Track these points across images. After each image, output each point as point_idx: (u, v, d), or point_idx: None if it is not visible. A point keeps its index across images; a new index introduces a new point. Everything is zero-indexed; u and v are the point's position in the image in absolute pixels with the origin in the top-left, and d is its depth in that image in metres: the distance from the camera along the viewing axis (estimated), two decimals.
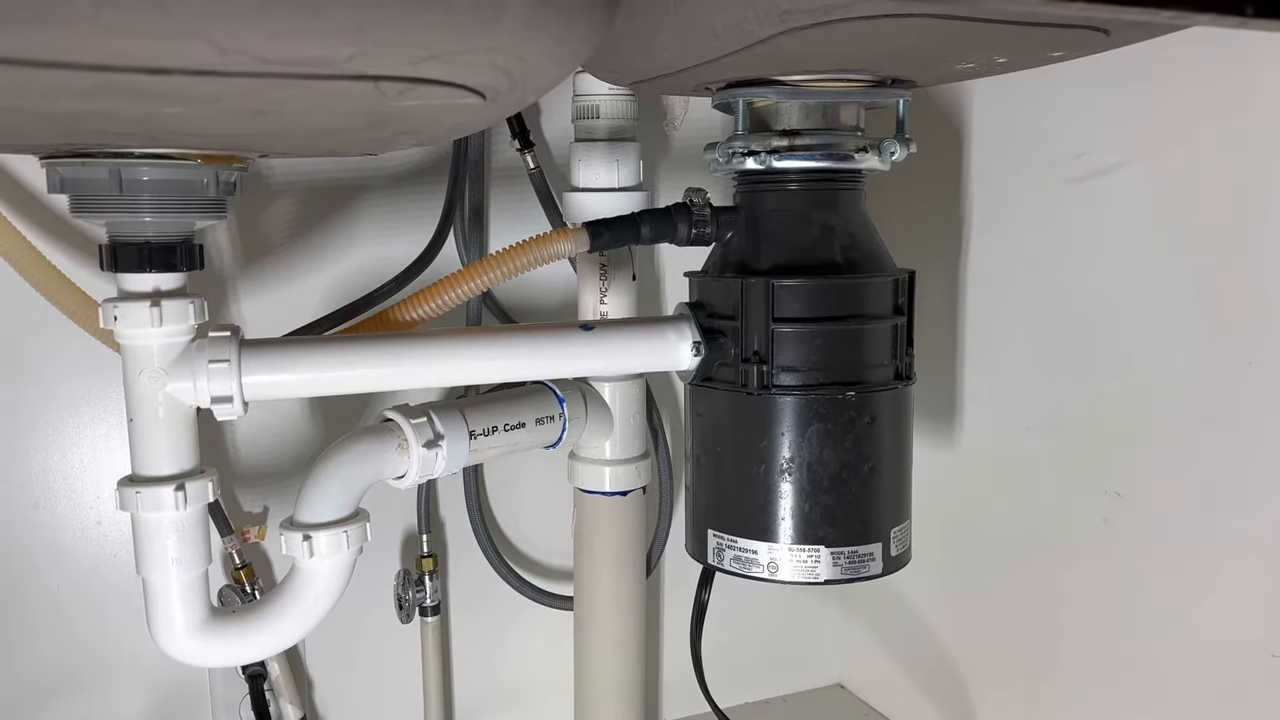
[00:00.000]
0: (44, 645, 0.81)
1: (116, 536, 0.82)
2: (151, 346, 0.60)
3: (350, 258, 0.86)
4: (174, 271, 0.60)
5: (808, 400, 0.67)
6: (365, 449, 0.68)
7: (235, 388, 0.61)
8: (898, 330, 0.70)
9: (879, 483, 0.69)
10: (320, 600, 0.66)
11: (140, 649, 0.83)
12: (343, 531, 0.65)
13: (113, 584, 0.82)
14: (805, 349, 0.67)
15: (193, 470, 0.63)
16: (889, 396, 0.70)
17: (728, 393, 0.69)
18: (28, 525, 0.80)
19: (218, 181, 0.60)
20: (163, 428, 0.61)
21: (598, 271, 0.81)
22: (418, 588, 0.87)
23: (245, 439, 0.84)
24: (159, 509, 0.61)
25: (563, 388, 0.79)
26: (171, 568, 0.62)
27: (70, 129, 0.50)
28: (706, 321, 0.70)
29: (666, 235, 0.71)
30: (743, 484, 0.69)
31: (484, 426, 0.73)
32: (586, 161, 0.80)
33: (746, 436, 0.68)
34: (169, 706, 0.85)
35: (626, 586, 0.86)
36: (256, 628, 0.66)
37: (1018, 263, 0.84)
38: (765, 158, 0.68)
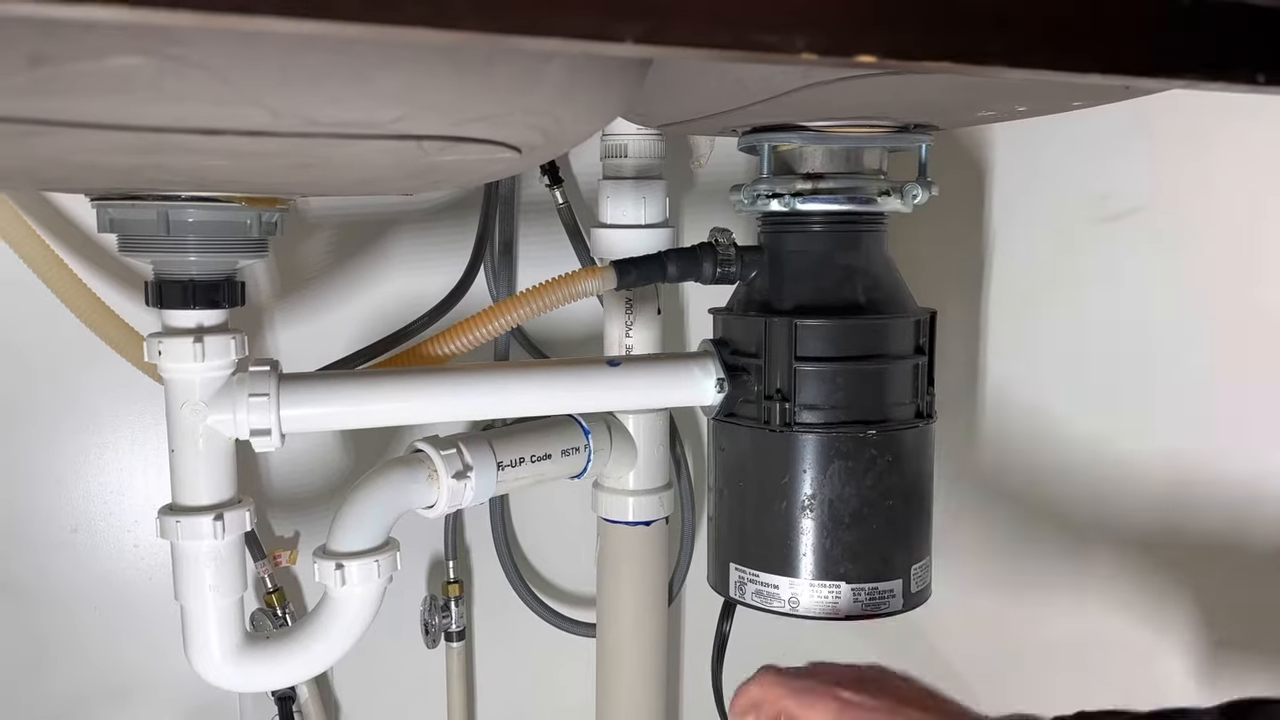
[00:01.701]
0: (80, 665, 0.83)
1: (152, 560, 0.84)
2: (194, 380, 0.62)
3: (384, 289, 0.88)
4: (217, 308, 0.63)
5: (829, 438, 0.68)
6: (396, 480, 0.69)
7: (274, 421, 0.63)
8: (919, 369, 0.71)
9: (900, 520, 0.70)
10: (351, 628, 0.68)
11: (173, 670, 0.84)
12: (374, 561, 0.67)
13: (148, 607, 0.84)
14: (827, 387, 0.69)
15: (231, 500, 0.65)
16: (910, 435, 0.71)
17: (751, 429, 0.70)
18: (66, 548, 0.82)
19: (260, 222, 0.62)
20: (203, 459, 0.63)
21: (624, 306, 0.83)
22: (444, 613, 0.88)
23: (278, 465, 0.86)
24: (198, 538, 0.63)
25: (588, 419, 0.81)
26: (209, 595, 0.64)
27: (122, 178, 0.52)
28: (730, 358, 0.72)
29: (692, 274, 0.72)
30: (765, 519, 0.70)
31: (511, 458, 0.75)
32: (614, 199, 0.82)
33: (769, 472, 0.70)
34: None
35: (648, 614, 0.87)
36: (289, 654, 0.68)
37: (1039, 302, 0.85)
38: (789, 200, 0.70)
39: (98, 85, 0.34)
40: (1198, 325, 0.72)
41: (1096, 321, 0.80)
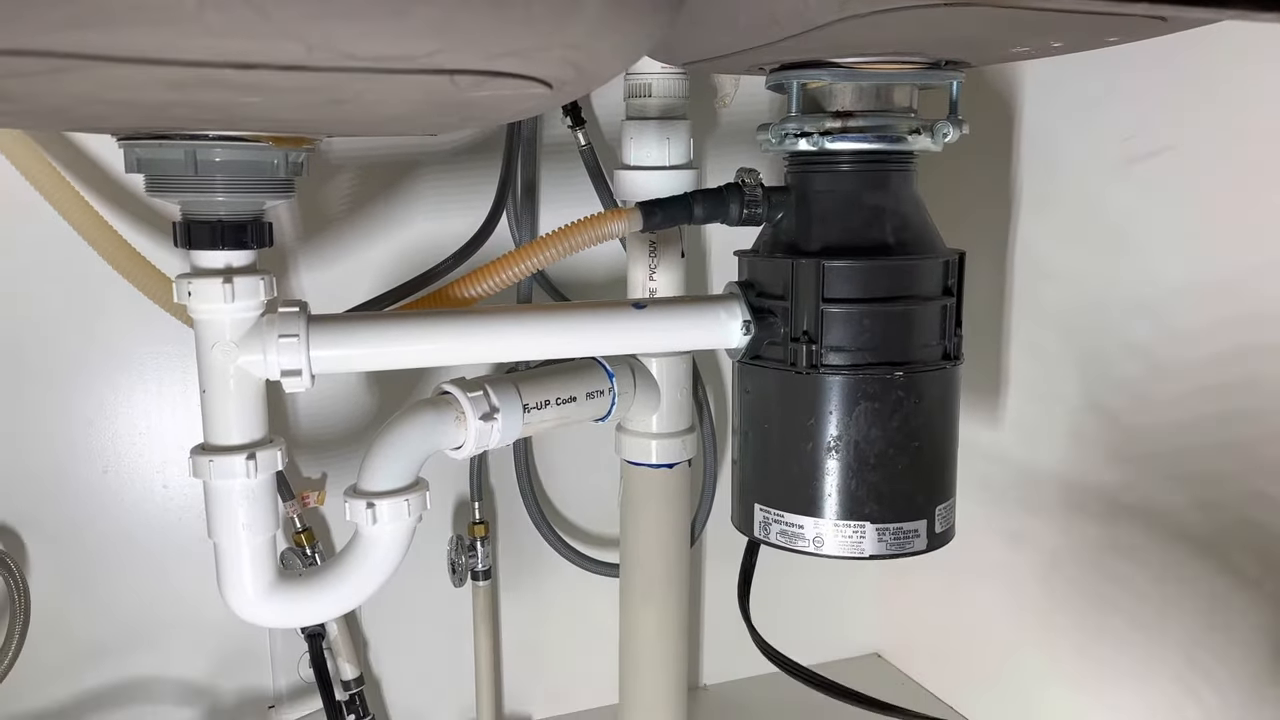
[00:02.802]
0: (113, 605, 0.85)
1: (182, 501, 0.85)
2: (223, 321, 0.62)
3: (406, 232, 0.88)
4: (245, 249, 0.63)
5: (856, 380, 0.69)
6: (425, 421, 0.70)
7: (304, 361, 0.63)
8: (946, 311, 0.71)
9: (925, 461, 0.70)
10: (381, 565, 0.69)
11: (204, 608, 0.87)
12: (404, 500, 0.67)
13: (178, 546, 0.85)
14: (854, 329, 0.68)
15: (262, 440, 0.65)
16: (936, 376, 0.71)
17: (776, 371, 0.70)
18: (98, 489, 0.84)
19: (287, 162, 0.61)
20: (234, 399, 0.64)
21: (647, 249, 0.82)
22: (470, 553, 0.90)
23: (306, 408, 0.87)
24: (230, 477, 0.64)
25: (612, 363, 0.81)
26: (241, 533, 0.65)
27: (153, 115, 0.52)
28: (756, 300, 0.71)
29: (718, 215, 0.72)
30: (790, 460, 0.70)
31: (537, 400, 0.75)
32: (638, 139, 0.81)
33: (794, 414, 0.70)
34: (231, 663, 0.89)
35: (671, 555, 0.88)
36: (321, 591, 0.69)
37: (1067, 243, 0.84)
38: (818, 139, 0.69)
39: (139, 18, 0.34)
40: (1225, 266, 0.72)
41: (1127, 262, 0.79)
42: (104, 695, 0.85)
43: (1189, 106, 0.73)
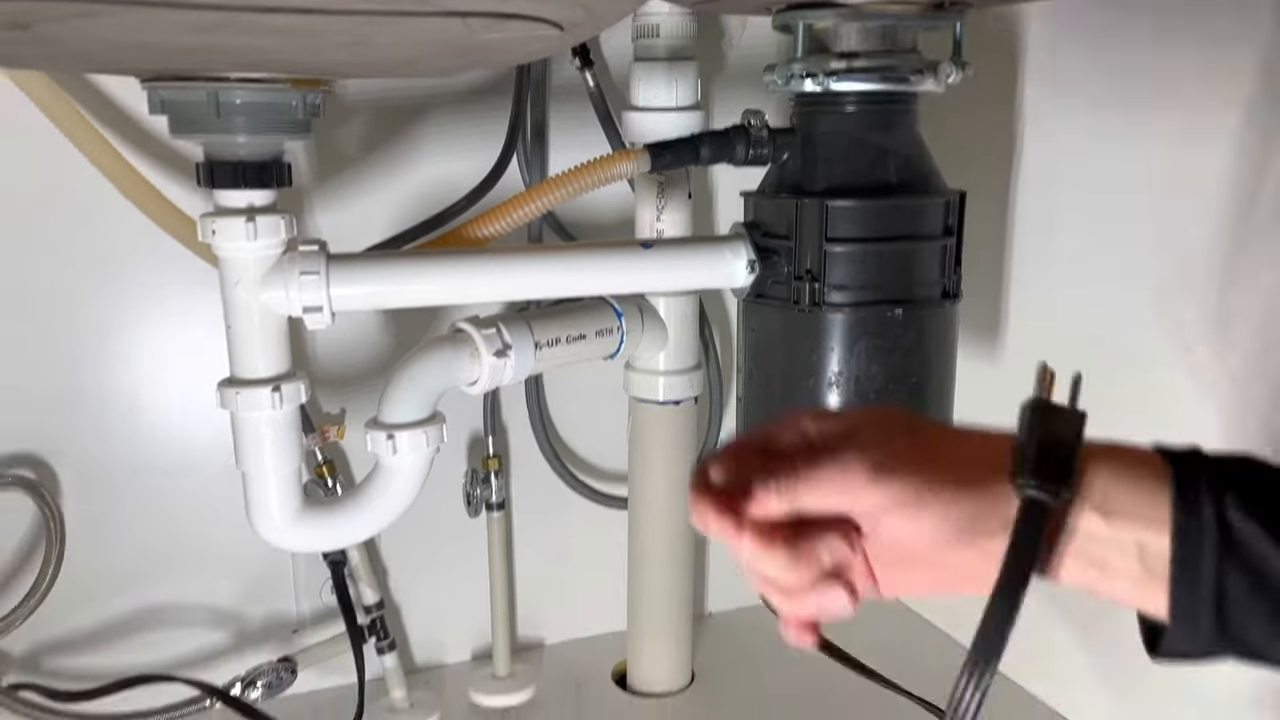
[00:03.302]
0: (143, 534, 0.88)
1: (208, 435, 0.88)
2: (247, 259, 0.65)
3: (418, 173, 0.89)
4: (266, 189, 0.65)
5: (857, 317, 0.71)
6: (441, 357, 0.73)
7: (324, 298, 0.65)
8: (947, 250, 0.73)
9: (923, 395, 0.73)
10: (402, 494, 0.72)
11: (230, 537, 0.90)
12: (422, 432, 0.71)
13: (204, 478, 0.88)
14: (856, 268, 0.70)
15: (286, 373, 0.68)
16: (935, 314, 0.73)
17: (780, 309, 0.73)
18: (125, 422, 0.87)
19: (305, 103, 0.63)
20: (258, 334, 0.66)
21: (655, 190, 0.84)
22: (484, 485, 0.93)
23: (325, 346, 0.89)
24: (257, 409, 0.67)
25: (620, 302, 0.83)
26: (268, 462, 0.68)
27: (177, 58, 0.54)
28: (761, 240, 0.73)
29: (724, 156, 0.73)
30: (793, 395, 0.73)
31: (548, 338, 0.78)
32: (646, 80, 0.82)
33: (797, 351, 0.72)
34: (256, 588, 0.93)
35: (677, 488, 0.91)
36: (345, 517, 0.72)
37: (1068, 183, 0.85)
38: (823, 80, 0.70)
39: None
40: (1225, 208, 0.73)
41: (1123, 203, 0.80)
42: (137, 619, 0.89)
43: (1186, 54, 0.74)
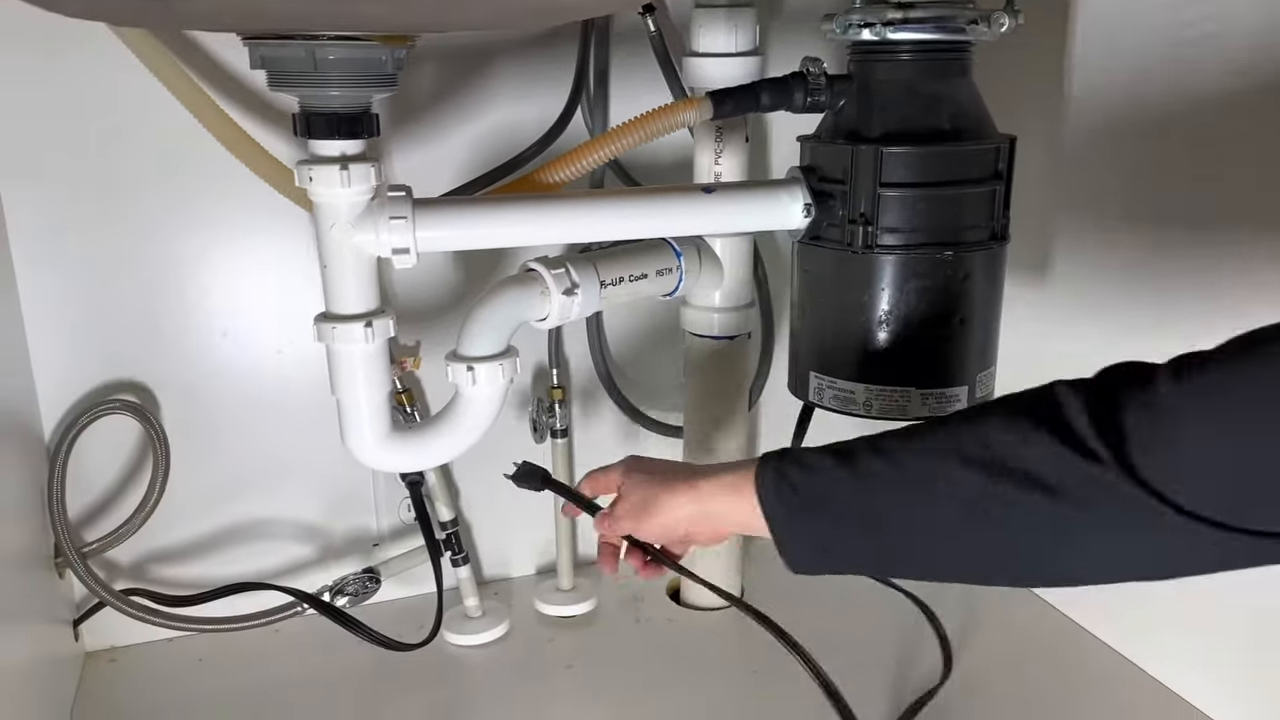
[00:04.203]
0: (232, 456, 0.96)
1: (294, 363, 0.95)
2: (340, 204, 0.70)
3: (486, 120, 0.93)
4: (357, 138, 0.70)
5: (908, 259, 0.75)
6: (514, 295, 0.78)
7: (411, 240, 0.71)
8: (996, 195, 0.76)
9: (969, 333, 0.77)
10: (479, 421, 0.78)
11: (314, 459, 0.98)
12: (498, 364, 0.76)
13: (292, 404, 0.96)
14: (908, 212, 0.74)
15: (376, 310, 0.74)
16: (984, 256, 0.76)
17: (834, 251, 0.77)
18: (218, 350, 0.93)
19: (393, 58, 0.68)
20: (351, 274, 0.72)
21: (714, 134, 0.88)
22: (549, 414, 0.99)
23: (401, 283, 0.95)
24: (351, 342, 0.73)
25: (680, 243, 0.88)
26: (361, 391, 0.75)
27: (289, 21, 0.58)
28: (817, 185, 0.77)
29: (783, 103, 0.77)
30: (844, 332, 0.77)
31: (612, 277, 0.83)
32: (707, 26, 0.85)
33: (849, 291, 0.77)
34: (339, 506, 1.00)
35: (730, 419, 0.97)
36: (428, 441, 0.79)
37: (1116, 126, 0.87)
38: (880, 29, 0.73)
39: None
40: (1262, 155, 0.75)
41: (1173, 149, 0.83)
42: (233, 533, 0.98)
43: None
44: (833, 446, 0.57)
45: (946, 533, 0.52)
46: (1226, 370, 0.44)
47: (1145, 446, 0.45)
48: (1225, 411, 0.43)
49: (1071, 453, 0.46)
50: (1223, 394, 0.44)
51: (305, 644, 0.95)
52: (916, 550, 0.54)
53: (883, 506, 0.54)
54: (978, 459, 0.50)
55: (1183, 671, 0.87)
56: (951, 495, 0.51)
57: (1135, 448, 0.45)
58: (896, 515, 0.53)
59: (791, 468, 0.57)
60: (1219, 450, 0.43)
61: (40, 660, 0.84)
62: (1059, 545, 0.49)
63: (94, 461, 0.91)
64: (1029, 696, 0.88)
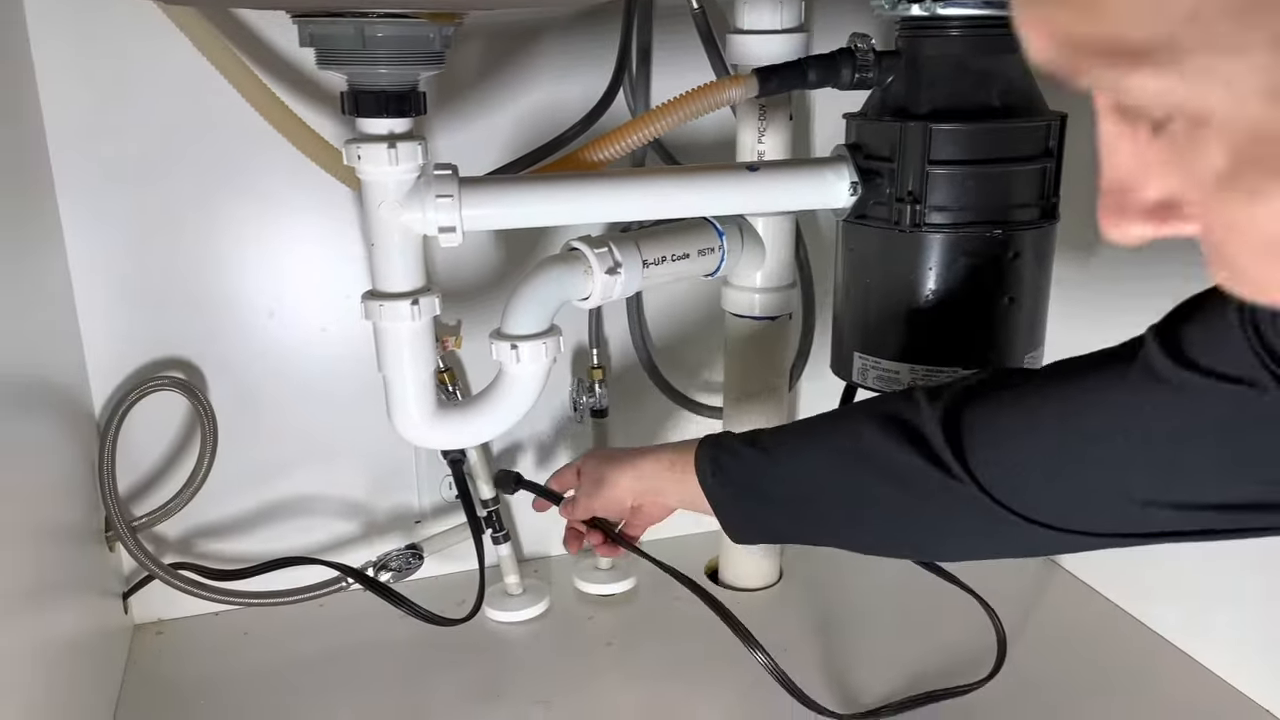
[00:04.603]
0: (277, 433, 0.97)
1: (339, 342, 0.96)
2: (388, 183, 0.70)
3: (529, 99, 0.93)
4: (404, 117, 0.70)
5: (956, 238, 0.74)
6: (557, 274, 0.78)
7: (458, 219, 0.71)
8: (1046, 172, 0.75)
9: (1017, 313, 0.76)
10: (523, 398, 0.78)
11: (358, 437, 0.99)
12: (542, 343, 0.76)
13: (335, 382, 0.96)
14: (957, 190, 0.73)
15: (423, 288, 0.74)
16: (1034, 235, 0.75)
17: (881, 230, 0.76)
18: (264, 330, 0.94)
19: (440, 36, 0.68)
20: (398, 252, 0.72)
21: (757, 112, 0.87)
22: (590, 394, 0.99)
23: (442, 264, 0.95)
24: (398, 319, 0.73)
25: (722, 222, 0.87)
26: (407, 368, 0.75)
27: None
28: (863, 162, 0.76)
29: (830, 80, 0.76)
30: (890, 312, 0.77)
31: (655, 256, 0.83)
32: (751, 3, 0.84)
33: (896, 270, 0.76)
34: (382, 483, 1.01)
35: (770, 400, 0.97)
36: (472, 418, 0.79)
37: None
38: (930, 5, 0.72)
39: None
40: None
41: None
42: (278, 509, 0.99)
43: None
44: (751, 435, 0.69)
45: (835, 513, 0.65)
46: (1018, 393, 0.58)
47: (980, 459, 0.56)
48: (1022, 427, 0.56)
49: (923, 460, 0.58)
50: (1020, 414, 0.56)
51: (349, 618, 0.97)
52: (820, 526, 0.67)
53: (790, 490, 0.66)
54: (852, 454, 0.62)
55: (1240, 665, 0.86)
56: (834, 484, 0.64)
57: (973, 459, 0.56)
58: (798, 497, 0.66)
59: (724, 455, 0.68)
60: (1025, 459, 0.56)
61: (92, 632, 0.85)
62: (914, 529, 0.62)
63: (142, 438, 0.93)
64: (1078, 685, 0.88)
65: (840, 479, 0.63)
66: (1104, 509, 0.54)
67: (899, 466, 0.58)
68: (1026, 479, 0.55)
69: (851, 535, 0.66)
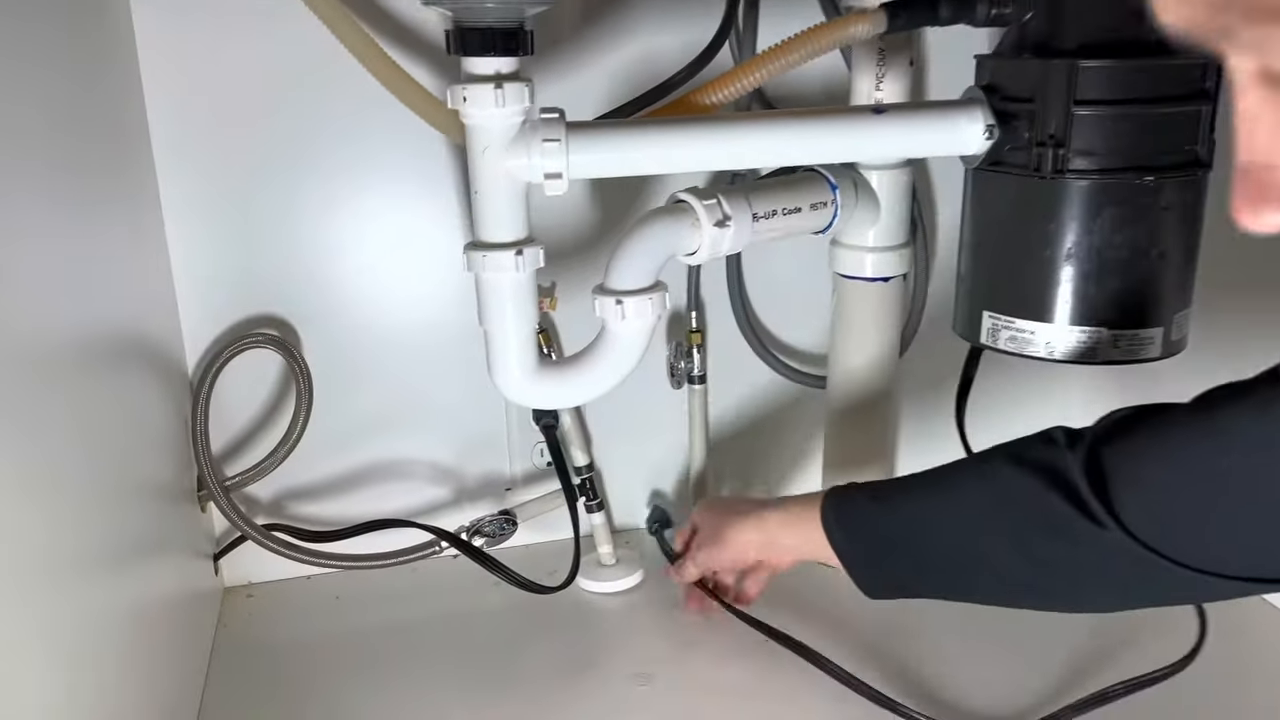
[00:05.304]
0: (369, 394, 0.95)
1: (434, 303, 0.93)
2: (493, 127, 0.67)
3: (627, 50, 0.89)
4: (512, 55, 0.66)
5: (1102, 185, 0.68)
6: (664, 226, 0.74)
7: (564, 165, 0.67)
8: (1202, 115, 0.69)
9: (1166, 268, 0.70)
10: (626, 357, 0.75)
11: (450, 401, 0.96)
12: (648, 299, 0.73)
13: (427, 345, 0.94)
14: (1104, 132, 0.67)
15: (526, 238, 0.71)
16: (1186, 184, 0.69)
17: (1018, 177, 0.70)
18: (357, 287, 0.92)
19: None
20: (503, 199, 0.69)
21: (875, 57, 0.82)
22: (688, 359, 0.95)
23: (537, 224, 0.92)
24: (501, 270, 0.70)
25: (835, 174, 0.82)
26: (510, 321, 0.72)
27: None
28: (999, 104, 0.71)
29: (964, 16, 0.70)
30: (1026, 267, 0.71)
31: (765, 210, 0.78)
32: None
33: (1034, 221, 0.70)
34: (472, 449, 0.99)
35: (880, 367, 0.91)
36: (574, 376, 0.76)
37: None
38: None
39: None
40: None
41: None
42: (368, 471, 0.97)
43: None
44: (876, 485, 0.69)
45: (971, 564, 0.62)
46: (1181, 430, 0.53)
47: (1125, 501, 0.53)
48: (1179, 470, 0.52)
49: (1067, 504, 0.55)
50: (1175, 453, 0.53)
51: (440, 585, 0.94)
52: (956, 578, 0.64)
53: (921, 540, 0.64)
54: (990, 500, 0.60)
55: None
56: (970, 533, 0.61)
57: (1118, 502, 0.53)
58: (931, 548, 0.64)
59: (850, 507, 0.68)
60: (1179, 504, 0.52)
61: (183, 593, 0.84)
62: (1059, 579, 0.58)
63: (236, 396, 0.91)
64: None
65: (976, 527, 0.61)
66: (1260, 549, 0.50)
67: (1041, 513, 0.56)
68: (1174, 521, 0.52)
69: (990, 587, 0.64)
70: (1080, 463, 0.55)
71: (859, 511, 0.68)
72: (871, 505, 0.67)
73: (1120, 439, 0.55)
